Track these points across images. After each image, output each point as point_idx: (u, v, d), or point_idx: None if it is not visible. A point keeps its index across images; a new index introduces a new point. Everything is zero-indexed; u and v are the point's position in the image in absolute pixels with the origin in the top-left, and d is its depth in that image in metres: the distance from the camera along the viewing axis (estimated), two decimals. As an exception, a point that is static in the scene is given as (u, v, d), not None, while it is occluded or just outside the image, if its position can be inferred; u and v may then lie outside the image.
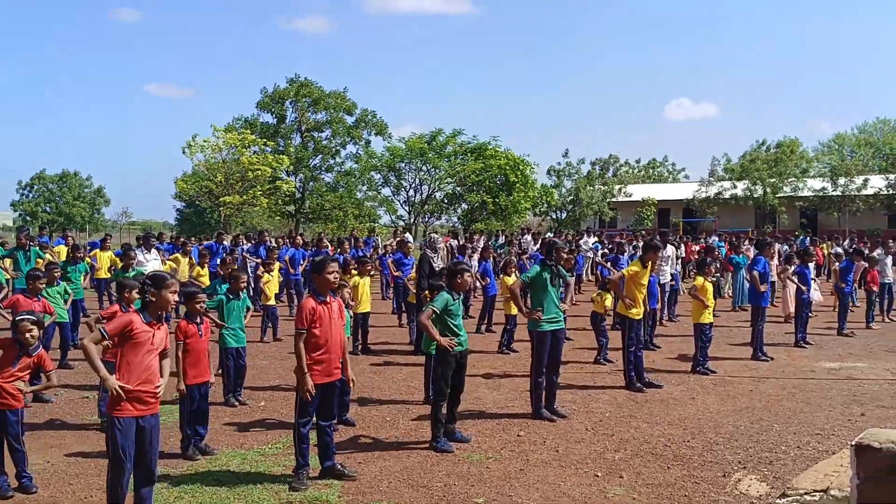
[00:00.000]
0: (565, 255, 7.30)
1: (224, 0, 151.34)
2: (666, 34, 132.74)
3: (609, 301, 11.81)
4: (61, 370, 10.01)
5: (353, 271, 11.93)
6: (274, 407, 8.69)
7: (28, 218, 65.56)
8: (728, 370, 10.83)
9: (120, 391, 4.62)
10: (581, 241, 23.30)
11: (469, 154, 36.24)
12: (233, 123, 36.24)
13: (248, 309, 8.93)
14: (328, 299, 6.02)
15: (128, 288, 6.87)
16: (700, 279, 10.97)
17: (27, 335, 5.80)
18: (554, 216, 47.17)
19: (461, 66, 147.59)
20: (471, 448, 7.01)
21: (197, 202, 33.89)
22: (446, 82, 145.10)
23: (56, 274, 10.32)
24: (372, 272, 13.30)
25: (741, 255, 17.84)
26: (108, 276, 15.30)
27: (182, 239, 21.00)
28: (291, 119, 37.88)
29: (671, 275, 15.48)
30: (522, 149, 75.65)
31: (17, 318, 5.93)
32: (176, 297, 4.93)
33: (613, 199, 49.52)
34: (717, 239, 24.89)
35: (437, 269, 11.64)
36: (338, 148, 38.34)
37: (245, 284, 9.03)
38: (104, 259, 16.18)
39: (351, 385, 6.47)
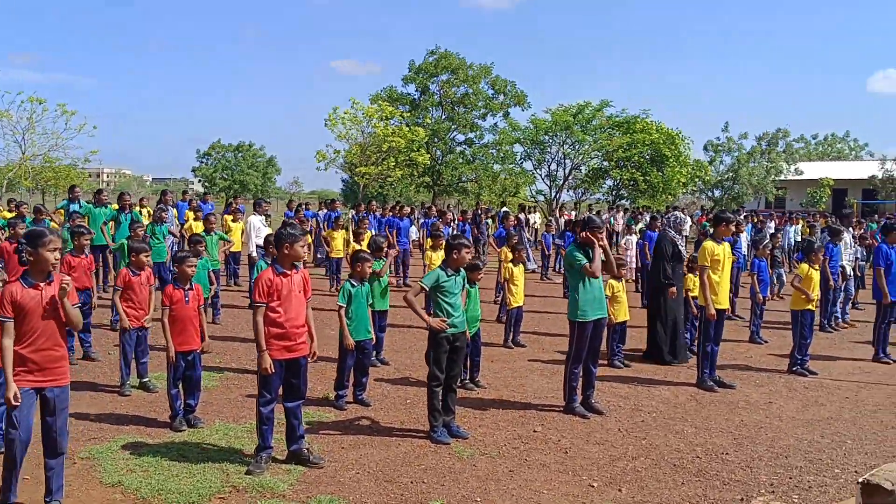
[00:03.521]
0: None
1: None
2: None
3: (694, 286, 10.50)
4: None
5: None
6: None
7: (207, 184, 70.28)
8: (834, 372, 9.40)
9: None
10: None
11: (617, 128, 34.47)
12: (380, 94, 36.76)
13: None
14: (289, 271, 5.59)
15: None
16: (804, 266, 9.56)
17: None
18: (709, 195, 44.22)
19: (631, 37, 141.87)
20: (470, 442, 6.37)
21: (336, 171, 34.73)
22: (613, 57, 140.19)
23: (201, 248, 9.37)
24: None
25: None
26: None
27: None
28: (433, 91, 37.80)
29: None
30: (678, 123, 70.54)
31: None
32: (56, 255, 4.53)
33: (781, 178, 45.63)
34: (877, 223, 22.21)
35: (683, 253, 10.31)
36: (476, 121, 37.85)
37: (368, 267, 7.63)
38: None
39: (312, 359, 5.85)
